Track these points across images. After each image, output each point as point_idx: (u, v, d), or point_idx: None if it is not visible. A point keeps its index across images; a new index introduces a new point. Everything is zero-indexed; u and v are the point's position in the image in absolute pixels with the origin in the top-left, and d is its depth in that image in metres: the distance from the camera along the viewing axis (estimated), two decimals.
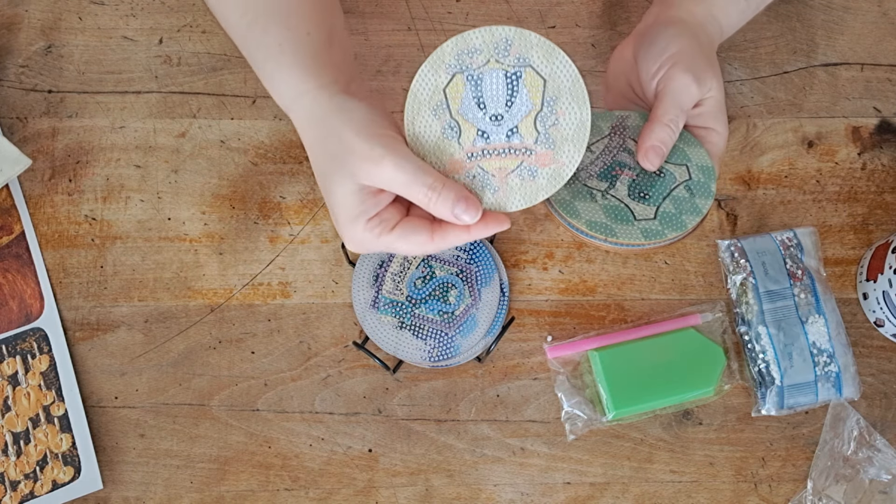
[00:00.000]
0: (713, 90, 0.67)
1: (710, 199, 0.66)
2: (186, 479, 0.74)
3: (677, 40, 0.67)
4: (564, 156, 0.61)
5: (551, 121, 0.61)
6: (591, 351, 0.75)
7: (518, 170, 0.61)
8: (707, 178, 0.66)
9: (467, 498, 0.74)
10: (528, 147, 0.61)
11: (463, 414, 0.76)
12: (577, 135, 0.61)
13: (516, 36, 0.60)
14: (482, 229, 0.61)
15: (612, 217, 0.65)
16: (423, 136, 0.61)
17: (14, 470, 0.73)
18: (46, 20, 0.82)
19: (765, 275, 0.76)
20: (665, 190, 0.66)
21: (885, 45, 0.84)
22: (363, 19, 0.83)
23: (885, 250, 0.75)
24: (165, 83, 0.81)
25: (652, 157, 0.65)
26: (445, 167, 0.62)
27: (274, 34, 0.65)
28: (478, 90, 0.61)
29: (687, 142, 0.68)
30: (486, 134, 0.61)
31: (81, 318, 0.76)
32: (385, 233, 0.61)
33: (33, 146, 0.79)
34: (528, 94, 0.61)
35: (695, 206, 0.65)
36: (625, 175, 0.67)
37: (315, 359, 0.76)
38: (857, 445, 0.74)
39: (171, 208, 0.79)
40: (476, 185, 0.62)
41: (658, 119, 0.65)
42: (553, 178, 0.62)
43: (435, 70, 0.60)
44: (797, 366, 0.74)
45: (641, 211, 0.65)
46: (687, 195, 0.66)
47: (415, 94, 0.61)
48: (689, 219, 0.65)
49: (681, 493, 0.75)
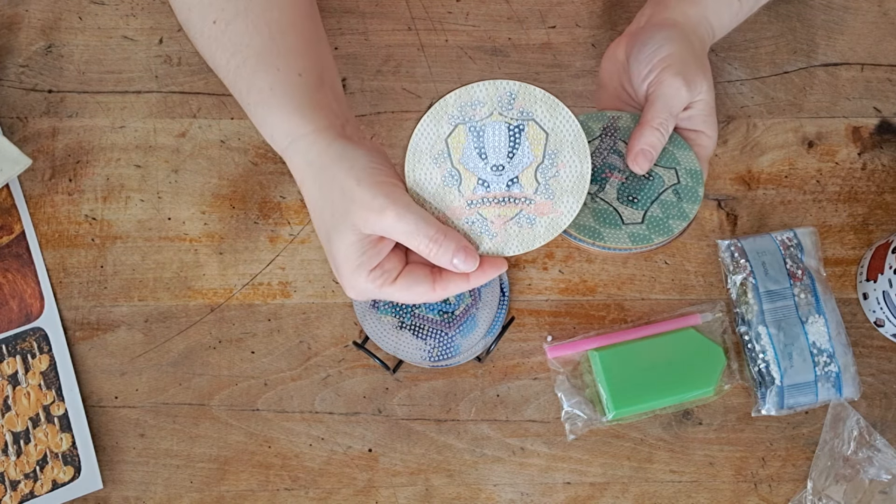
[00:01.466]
0: (703, 93, 0.67)
1: (697, 203, 0.66)
2: (186, 479, 0.74)
3: (669, 43, 0.67)
4: (563, 206, 0.62)
5: (552, 172, 0.61)
6: (591, 351, 0.75)
7: (517, 217, 0.62)
8: (695, 182, 0.66)
9: (467, 498, 0.74)
10: (528, 197, 0.62)
11: (463, 414, 0.76)
12: (576, 186, 0.61)
13: (520, 90, 0.60)
14: (480, 276, 0.61)
15: (600, 221, 0.65)
16: (423, 183, 0.62)
17: (14, 469, 0.73)
18: (46, 20, 0.82)
19: (765, 275, 0.76)
20: (653, 194, 0.66)
21: (885, 45, 0.84)
22: (363, 19, 0.83)
23: (885, 250, 0.75)
24: (166, 83, 0.81)
25: (641, 160, 0.65)
26: (445, 213, 0.62)
27: (263, 77, 0.63)
28: (480, 141, 0.61)
29: (676, 145, 0.68)
30: (486, 183, 0.61)
31: (81, 318, 0.76)
32: (387, 284, 0.60)
33: (33, 146, 0.79)
34: (529, 146, 0.61)
35: (682, 211, 0.65)
36: (614, 178, 0.67)
37: (315, 358, 0.76)
38: (857, 445, 0.74)
39: (171, 208, 0.79)
40: (475, 231, 0.62)
41: (648, 123, 0.66)
42: (551, 226, 0.62)
43: (437, 121, 0.61)
44: (797, 366, 0.74)
45: (630, 215, 0.65)
46: (675, 199, 0.66)
47: (416, 143, 0.61)
48: (676, 224, 0.65)
49: (681, 493, 0.75)
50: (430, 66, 0.82)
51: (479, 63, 0.82)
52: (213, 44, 0.65)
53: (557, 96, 0.60)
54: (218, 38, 0.64)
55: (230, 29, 0.64)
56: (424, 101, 0.81)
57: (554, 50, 0.83)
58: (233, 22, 0.64)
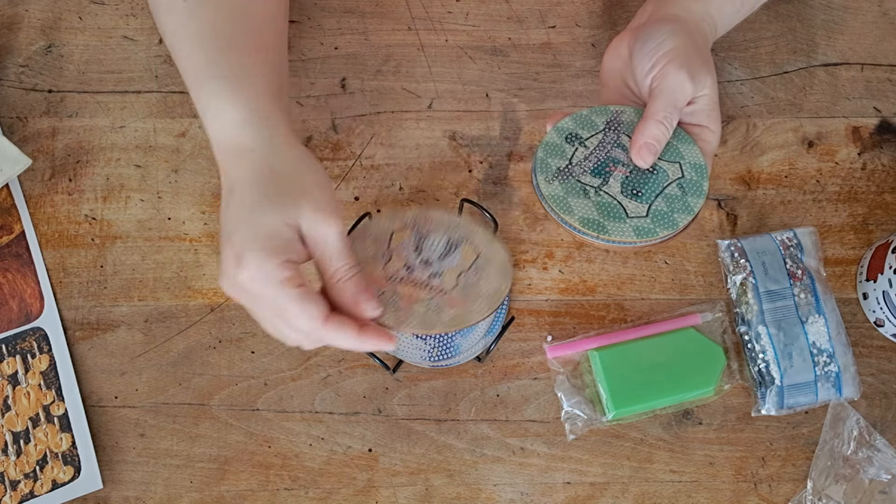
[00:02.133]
0: (707, 88, 0.67)
1: (702, 197, 0.66)
2: (186, 479, 0.74)
3: (673, 38, 0.67)
4: (475, 307, 0.64)
5: (473, 279, 0.66)
6: (591, 351, 0.75)
7: (427, 303, 0.64)
8: (700, 176, 0.66)
9: (467, 498, 0.74)
10: (444, 290, 0.65)
11: (463, 414, 0.76)
12: (491, 298, 0.65)
13: (469, 228, 0.69)
14: (370, 337, 0.59)
15: (604, 214, 0.65)
16: (357, 251, 0.65)
17: (14, 469, 0.73)
18: (46, 20, 0.82)
19: (765, 275, 0.76)
20: (658, 188, 0.66)
21: (885, 45, 0.84)
22: (363, 19, 0.83)
23: (885, 250, 0.75)
24: (165, 83, 0.81)
25: (645, 154, 0.66)
26: (372, 276, 0.65)
27: (237, 63, 0.64)
28: (419, 240, 0.68)
29: (680, 139, 0.68)
30: (411, 269, 0.66)
31: (81, 318, 0.76)
32: (289, 285, 0.57)
33: (33, 146, 0.79)
34: (461, 256, 0.67)
35: (687, 205, 0.65)
36: (618, 172, 0.67)
37: (315, 358, 0.76)
38: (856, 445, 0.74)
39: (171, 208, 0.79)
40: (382, 300, 0.63)
41: (652, 116, 0.66)
42: (456, 319, 0.63)
43: (391, 219, 0.68)
44: (797, 366, 0.74)
45: (634, 208, 0.65)
46: (679, 193, 0.66)
47: (366, 225, 0.68)
48: (681, 217, 0.65)
49: (681, 493, 0.75)
50: (429, 66, 0.82)
51: (479, 63, 0.82)
52: (181, 39, 0.66)
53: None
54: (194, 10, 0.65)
55: None
56: (424, 100, 0.81)
57: (554, 50, 0.83)
58: None
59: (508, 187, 0.80)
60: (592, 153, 0.68)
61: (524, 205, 0.79)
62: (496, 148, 0.80)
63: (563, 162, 0.67)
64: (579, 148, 0.67)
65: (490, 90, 0.81)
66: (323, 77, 0.82)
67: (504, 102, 0.81)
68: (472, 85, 0.82)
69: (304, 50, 0.82)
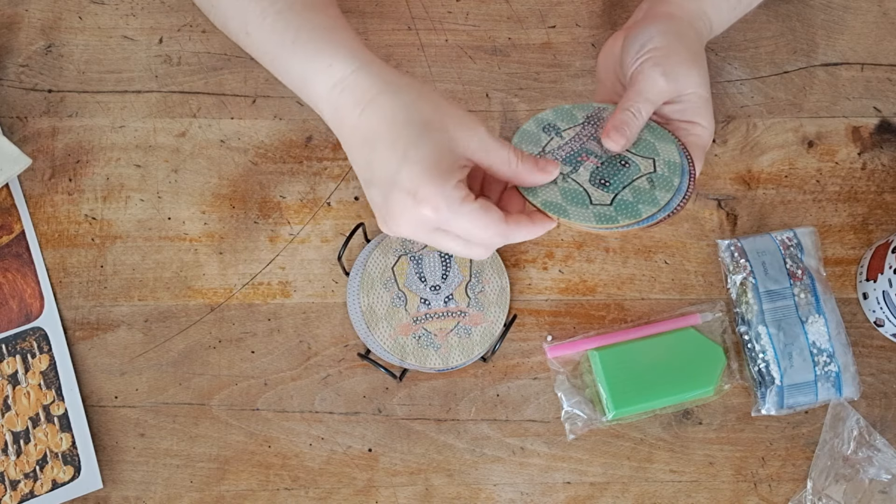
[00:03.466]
0: (693, 85, 0.67)
1: (670, 192, 0.65)
2: (186, 479, 0.74)
3: (658, 37, 0.68)
4: (492, 316, 0.75)
5: (479, 288, 0.76)
6: (591, 351, 0.75)
7: (455, 329, 0.74)
8: (672, 172, 0.66)
9: (467, 497, 0.74)
10: (463, 310, 0.75)
11: (463, 413, 0.76)
12: (499, 298, 0.76)
13: None
14: (539, 221, 0.63)
15: (567, 199, 0.65)
16: (376, 305, 0.74)
17: (14, 469, 0.73)
18: (46, 20, 0.82)
19: (765, 274, 0.76)
20: (627, 180, 0.66)
21: (885, 45, 0.84)
22: (363, 19, 0.83)
23: (885, 250, 0.75)
24: (165, 83, 0.81)
25: (614, 135, 0.66)
26: (396, 330, 0.73)
27: (324, 21, 0.65)
28: (419, 267, 0.75)
29: (657, 136, 0.68)
30: (427, 301, 0.75)
31: (81, 318, 0.76)
32: (468, 200, 0.60)
33: (33, 145, 0.79)
34: (458, 268, 0.76)
35: (653, 198, 0.65)
36: (589, 162, 0.67)
37: (315, 358, 0.76)
38: (856, 445, 0.74)
39: (171, 208, 0.79)
40: (422, 344, 0.73)
41: (620, 105, 0.67)
42: (484, 334, 0.75)
43: (385, 253, 0.75)
44: (797, 366, 0.74)
45: (599, 196, 0.65)
46: (647, 187, 0.66)
47: (369, 272, 0.75)
48: (645, 209, 0.65)
49: (681, 493, 0.75)
50: (429, 66, 0.82)
51: (479, 63, 0.82)
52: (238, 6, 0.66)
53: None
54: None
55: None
56: None
57: (554, 50, 0.83)
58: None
59: None
60: (567, 143, 0.68)
61: None
62: None
63: (537, 149, 0.67)
64: (555, 138, 0.68)
65: (490, 90, 0.81)
66: None
67: (504, 102, 0.81)
68: (472, 85, 0.82)
69: None
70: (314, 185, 0.79)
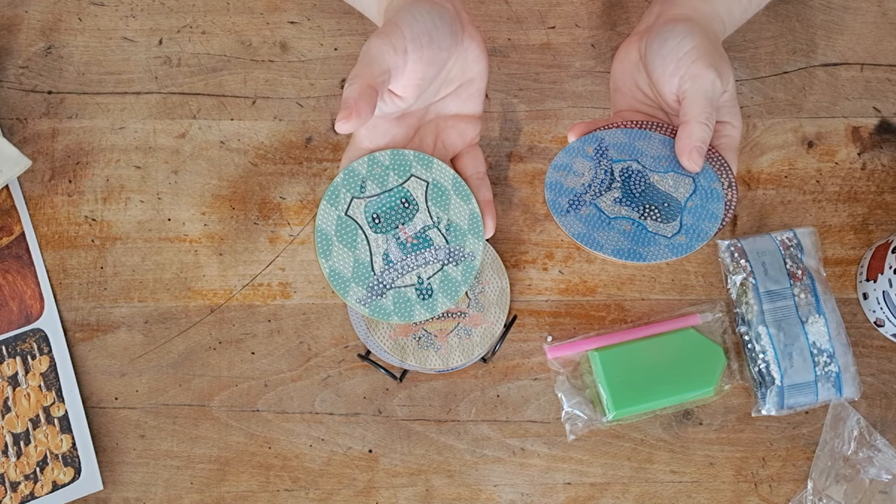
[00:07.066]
0: (729, 84, 0.68)
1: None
2: (187, 480, 0.74)
3: (691, 36, 0.67)
4: (492, 316, 0.74)
5: (479, 289, 0.74)
6: (591, 351, 0.75)
7: (455, 330, 0.73)
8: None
9: (467, 498, 0.74)
10: (462, 311, 0.73)
11: (463, 414, 0.76)
12: (500, 299, 0.74)
13: None
14: None
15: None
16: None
17: (14, 471, 0.73)
18: (46, 21, 0.82)
19: (765, 275, 0.76)
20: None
21: (885, 45, 0.84)
22: (363, 19, 0.83)
23: (885, 250, 0.75)
24: (165, 84, 0.81)
25: (696, 157, 0.66)
26: (396, 331, 0.72)
27: None
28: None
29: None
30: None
31: (81, 319, 0.76)
32: None
33: (33, 147, 0.79)
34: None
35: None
36: None
37: (315, 359, 0.76)
38: (857, 445, 0.74)
39: (171, 209, 0.79)
40: (422, 345, 0.72)
41: (695, 119, 0.65)
42: (485, 335, 0.73)
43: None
44: (797, 366, 0.74)
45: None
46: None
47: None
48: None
49: (681, 494, 0.75)
50: None
51: None
52: None
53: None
54: None
55: None
56: None
57: (554, 50, 0.83)
58: None
59: (508, 188, 0.80)
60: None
61: (524, 205, 0.79)
62: (496, 148, 0.80)
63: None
64: None
65: (490, 90, 0.81)
66: (323, 78, 0.82)
67: (504, 103, 0.81)
68: None
69: (303, 51, 0.82)
70: (314, 185, 0.79)
